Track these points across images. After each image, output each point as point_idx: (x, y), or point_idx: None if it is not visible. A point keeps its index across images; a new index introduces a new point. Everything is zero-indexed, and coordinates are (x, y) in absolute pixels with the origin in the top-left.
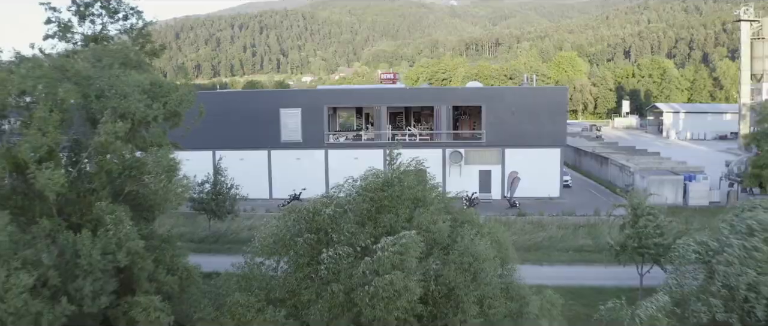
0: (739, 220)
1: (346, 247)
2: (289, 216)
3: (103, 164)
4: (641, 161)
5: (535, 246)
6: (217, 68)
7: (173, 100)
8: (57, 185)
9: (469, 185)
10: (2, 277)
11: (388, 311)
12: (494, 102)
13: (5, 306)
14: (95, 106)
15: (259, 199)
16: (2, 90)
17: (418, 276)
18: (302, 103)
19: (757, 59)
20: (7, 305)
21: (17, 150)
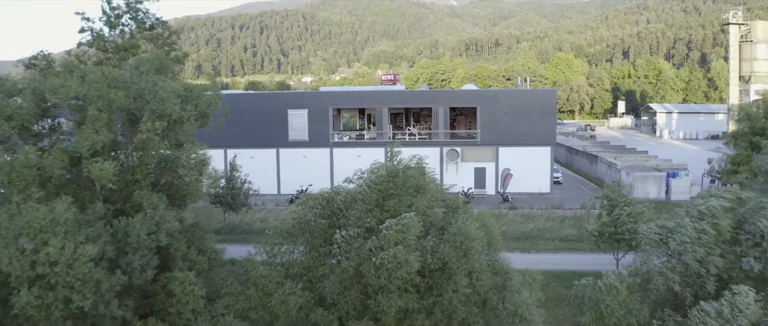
0: (693, 207)
1: (355, 229)
2: (306, 203)
3: (144, 158)
4: (628, 159)
5: (523, 236)
6: (218, 68)
7: (203, 102)
8: (108, 176)
9: (465, 181)
10: (71, 248)
11: (390, 280)
12: (488, 103)
13: (74, 272)
14: (135, 107)
15: (268, 194)
16: (62, 94)
17: (417, 252)
18: (308, 104)
19: (745, 61)
20: (75, 272)
21: (74, 145)
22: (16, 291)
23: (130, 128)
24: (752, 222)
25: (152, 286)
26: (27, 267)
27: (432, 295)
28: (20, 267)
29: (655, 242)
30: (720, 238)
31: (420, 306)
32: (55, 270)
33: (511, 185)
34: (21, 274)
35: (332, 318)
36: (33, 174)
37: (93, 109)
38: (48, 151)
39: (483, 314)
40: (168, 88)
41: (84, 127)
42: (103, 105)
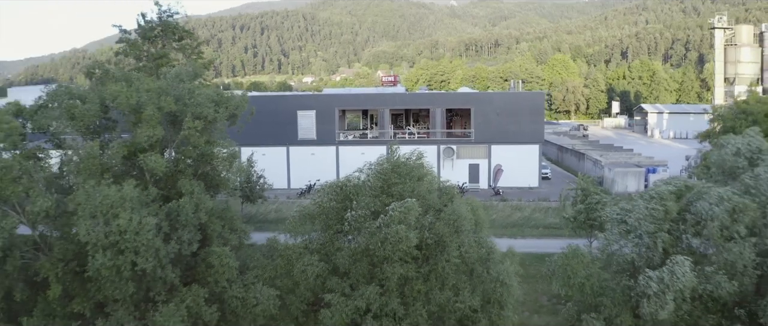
0: (647, 192)
1: (364, 211)
2: (323, 190)
3: (185, 152)
4: (613, 156)
5: (511, 224)
6: (219, 69)
7: (232, 105)
8: (159, 166)
9: (460, 176)
10: (137, 220)
11: (393, 252)
12: (482, 105)
13: (139, 238)
14: (177, 110)
15: (279, 189)
16: (123, 101)
17: (416, 230)
18: (316, 106)
19: (730, 63)
20: (140, 238)
21: (132, 140)
22: (91, 256)
23: (173, 128)
24: (695, 206)
25: (194, 259)
26: (101, 236)
27: (428, 265)
28: (96, 236)
29: (616, 220)
30: (668, 217)
31: (418, 274)
32: (125, 237)
33: (502, 180)
34: (96, 242)
35: (344, 284)
36: (96, 165)
37: (149, 112)
38: (108, 145)
39: (470, 281)
40: (203, 93)
41: (140, 126)
42: (155, 108)
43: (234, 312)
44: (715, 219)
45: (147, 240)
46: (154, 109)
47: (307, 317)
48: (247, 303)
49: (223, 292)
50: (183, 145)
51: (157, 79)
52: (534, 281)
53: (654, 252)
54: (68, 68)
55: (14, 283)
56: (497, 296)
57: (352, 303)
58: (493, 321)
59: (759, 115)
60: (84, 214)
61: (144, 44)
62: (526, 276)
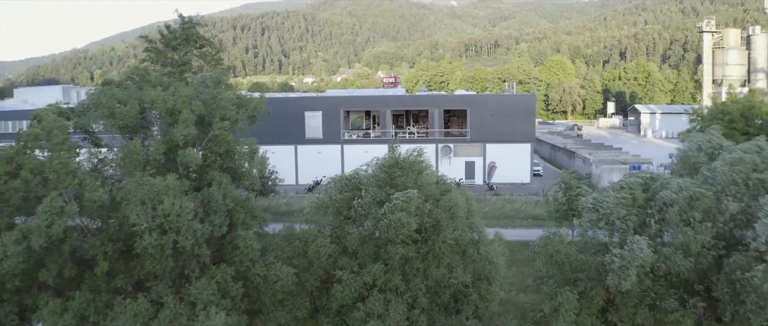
0: (618, 183)
1: (370, 199)
2: (334, 182)
3: (214, 148)
4: (601, 155)
5: (503, 215)
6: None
7: (251, 107)
8: (195, 160)
9: (457, 173)
10: (178, 204)
11: (396, 235)
12: (477, 106)
13: (181, 220)
14: (204, 113)
15: (288, 184)
16: (160, 105)
17: (416, 216)
18: (322, 107)
19: (718, 66)
20: (182, 220)
21: (169, 138)
22: (139, 236)
23: (201, 127)
24: (659, 195)
25: (221, 241)
26: (149, 218)
27: (426, 246)
28: (144, 218)
29: (590, 208)
30: (636, 204)
31: (417, 254)
32: (168, 219)
33: (495, 176)
34: (144, 223)
35: (353, 263)
36: (140, 159)
37: (184, 114)
38: (148, 142)
39: (462, 260)
40: (226, 97)
41: (176, 126)
42: (189, 111)
43: (256, 288)
44: (675, 206)
45: (187, 221)
46: (188, 112)
47: (320, 292)
48: (268, 280)
49: (247, 271)
50: (210, 142)
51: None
52: (521, 265)
53: (626, 234)
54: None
55: (65, 263)
56: (486, 273)
57: (360, 279)
58: (482, 295)
59: (735, 114)
60: (135, 200)
61: (168, 52)
62: (514, 261)
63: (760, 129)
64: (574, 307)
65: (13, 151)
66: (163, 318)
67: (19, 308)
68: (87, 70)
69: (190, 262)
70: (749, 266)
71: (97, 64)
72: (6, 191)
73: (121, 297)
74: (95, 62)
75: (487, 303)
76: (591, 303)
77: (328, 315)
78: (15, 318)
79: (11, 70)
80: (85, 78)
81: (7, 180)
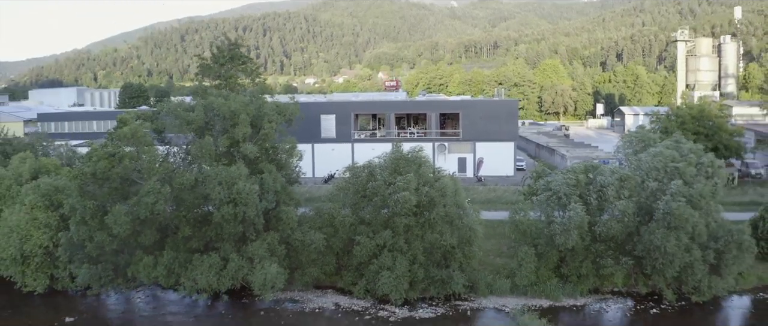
0: (565, 169)
1: (381, 182)
2: (354, 168)
3: (263, 144)
4: (577, 152)
5: (487, 201)
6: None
7: (289, 112)
8: (253, 153)
9: (451, 167)
10: (248, 185)
11: (400, 208)
12: (468, 110)
13: (248, 197)
14: (254, 116)
15: (306, 177)
16: (225, 110)
17: (415, 195)
18: (335, 110)
19: (690, 72)
20: (249, 196)
21: (231, 135)
22: (217, 209)
23: (253, 128)
24: (598, 177)
25: (270, 214)
26: (225, 195)
27: (423, 217)
28: (220, 196)
29: (544, 188)
30: (579, 184)
31: (416, 223)
32: (240, 196)
33: (483, 169)
34: (221, 199)
35: (368, 230)
36: (211, 152)
37: (243, 117)
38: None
39: (450, 227)
40: (270, 104)
41: (237, 127)
42: (246, 115)
43: (295, 249)
44: (609, 186)
45: (252, 198)
46: (245, 116)
47: (344, 252)
48: (305, 244)
49: (288, 236)
50: (260, 139)
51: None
52: (499, 238)
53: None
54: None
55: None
56: (468, 237)
57: (374, 241)
58: (465, 254)
59: (686, 116)
60: (214, 183)
61: (217, 68)
62: (493, 234)
63: (710, 129)
64: (533, 262)
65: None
66: (230, 268)
67: (114, 266)
68: (90, 70)
69: (250, 228)
70: (657, 231)
71: (100, 64)
72: (110, 176)
73: (197, 254)
74: (98, 63)
75: (469, 260)
76: (547, 260)
77: (350, 269)
78: (111, 273)
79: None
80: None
81: (110, 168)
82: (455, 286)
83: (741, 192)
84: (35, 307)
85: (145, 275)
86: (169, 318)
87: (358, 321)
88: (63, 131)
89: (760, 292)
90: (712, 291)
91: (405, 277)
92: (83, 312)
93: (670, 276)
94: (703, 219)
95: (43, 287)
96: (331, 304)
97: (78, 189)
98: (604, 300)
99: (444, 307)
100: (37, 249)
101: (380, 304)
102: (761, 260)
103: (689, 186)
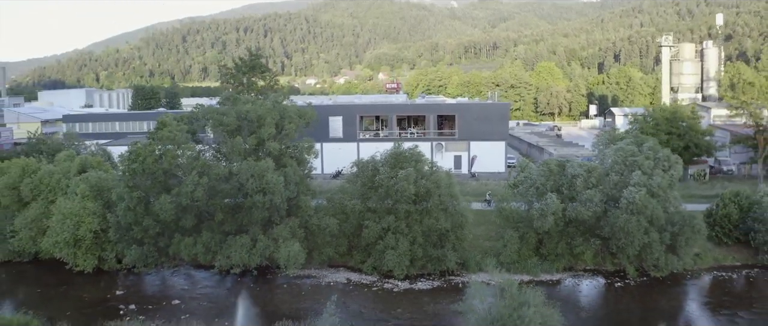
0: (540, 162)
1: (385, 175)
2: (361, 162)
3: (286, 142)
4: (563, 150)
5: (479, 193)
6: (224, 71)
7: (307, 116)
8: (277, 149)
9: (448, 164)
10: (275, 176)
11: (401, 197)
12: (463, 112)
13: (276, 186)
14: (277, 119)
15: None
16: (253, 114)
17: (414, 186)
18: (342, 113)
19: (675, 75)
20: (276, 186)
21: (259, 135)
22: (250, 196)
23: (276, 129)
24: (568, 169)
25: (291, 202)
26: (256, 185)
27: (421, 204)
28: (252, 186)
29: (523, 180)
30: (552, 175)
31: (415, 210)
32: (269, 186)
33: (476, 166)
34: (253, 188)
35: (375, 215)
36: (241, 150)
37: (269, 119)
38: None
39: (445, 213)
40: (291, 109)
41: (263, 128)
42: (271, 118)
43: (312, 232)
44: (578, 177)
45: (279, 188)
46: (271, 119)
47: (354, 235)
48: (321, 227)
49: (307, 221)
50: (284, 138)
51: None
52: (488, 225)
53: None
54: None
55: (190, 216)
56: (459, 222)
57: (379, 225)
58: (458, 236)
59: (660, 118)
60: (247, 175)
61: (239, 76)
62: (483, 222)
63: (682, 129)
64: (516, 243)
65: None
66: (259, 247)
67: (157, 247)
68: (93, 71)
69: (275, 214)
70: (620, 216)
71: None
72: (154, 170)
73: (230, 236)
74: (100, 63)
75: (461, 242)
76: (528, 241)
77: (359, 249)
78: (155, 253)
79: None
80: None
81: (154, 163)
82: (449, 263)
83: (710, 187)
84: (86, 284)
85: (185, 253)
86: (204, 291)
87: (366, 292)
88: (87, 131)
89: (714, 271)
90: (669, 267)
91: (406, 256)
92: (128, 287)
93: (631, 255)
94: (660, 205)
95: (92, 266)
96: (344, 279)
97: (125, 181)
98: (577, 275)
99: (439, 281)
100: (88, 233)
101: (385, 279)
102: (718, 244)
103: (648, 177)
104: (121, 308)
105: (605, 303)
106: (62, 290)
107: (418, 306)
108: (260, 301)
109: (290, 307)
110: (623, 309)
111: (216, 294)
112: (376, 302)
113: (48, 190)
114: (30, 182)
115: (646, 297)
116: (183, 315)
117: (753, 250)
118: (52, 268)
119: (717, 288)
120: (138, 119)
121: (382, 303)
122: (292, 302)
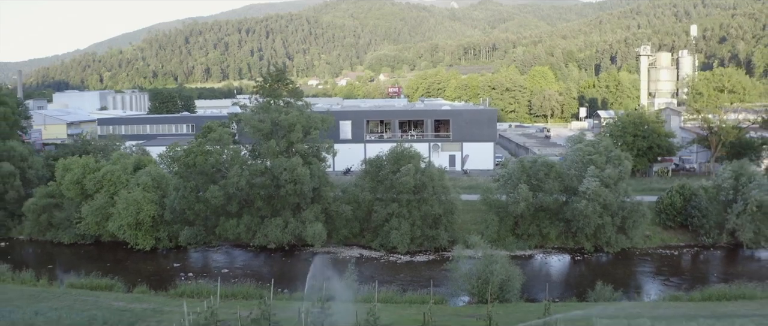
0: (516, 159)
1: (388, 171)
2: (370, 161)
3: (311, 143)
4: (547, 150)
5: (470, 187)
6: (226, 72)
7: (326, 122)
8: (304, 150)
9: (443, 162)
10: (304, 171)
11: (403, 188)
12: (457, 117)
13: (302, 177)
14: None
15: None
16: (284, 121)
17: (413, 179)
18: (351, 117)
19: (652, 81)
20: (304, 177)
21: (288, 138)
22: (283, 187)
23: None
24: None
25: (314, 192)
26: (288, 177)
27: (419, 194)
28: (285, 177)
29: (506, 174)
30: (524, 170)
31: (414, 198)
32: (299, 177)
33: (468, 164)
34: (286, 179)
35: (381, 203)
36: (275, 150)
37: (298, 126)
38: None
39: (438, 201)
40: (315, 116)
41: (293, 132)
42: (300, 124)
43: (331, 217)
44: (541, 171)
45: (306, 179)
46: (299, 125)
47: (365, 218)
48: (338, 213)
49: (327, 207)
50: (309, 140)
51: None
52: (476, 213)
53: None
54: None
55: (235, 202)
56: (450, 208)
57: (386, 210)
58: (449, 220)
59: (628, 123)
60: (280, 169)
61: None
62: (472, 210)
63: (646, 132)
64: (495, 225)
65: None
66: (290, 227)
67: (205, 228)
68: (96, 72)
69: (303, 201)
70: (579, 202)
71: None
72: (204, 166)
73: (267, 218)
74: (104, 64)
75: (451, 224)
76: (506, 223)
77: (369, 230)
78: (204, 233)
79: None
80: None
81: (204, 161)
82: (442, 241)
83: (670, 182)
84: (145, 260)
85: (230, 232)
86: (243, 264)
87: (375, 263)
88: (120, 133)
89: (661, 249)
90: (619, 245)
91: (407, 235)
92: (182, 262)
93: (588, 234)
94: (612, 193)
95: (150, 246)
96: (357, 254)
97: (179, 174)
98: (546, 252)
99: (434, 255)
100: (147, 218)
101: (390, 254)
102: (665, 228)
103: (601, 171)
104: (180, 275)
105: (569, 273)
106: (127, 264)
107: (416, 273)
108: (292, 270)
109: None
110: (583, 277)
111: (255, 265)
112: (384, 270)
113: (109, 184)
114: (93, 177)
115: (601, 269)
116: (233, 280)
117: (693, 233)
118: (113, 248)
119: (661, 261)
120: (165, 122)
121: (389, 271)
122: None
